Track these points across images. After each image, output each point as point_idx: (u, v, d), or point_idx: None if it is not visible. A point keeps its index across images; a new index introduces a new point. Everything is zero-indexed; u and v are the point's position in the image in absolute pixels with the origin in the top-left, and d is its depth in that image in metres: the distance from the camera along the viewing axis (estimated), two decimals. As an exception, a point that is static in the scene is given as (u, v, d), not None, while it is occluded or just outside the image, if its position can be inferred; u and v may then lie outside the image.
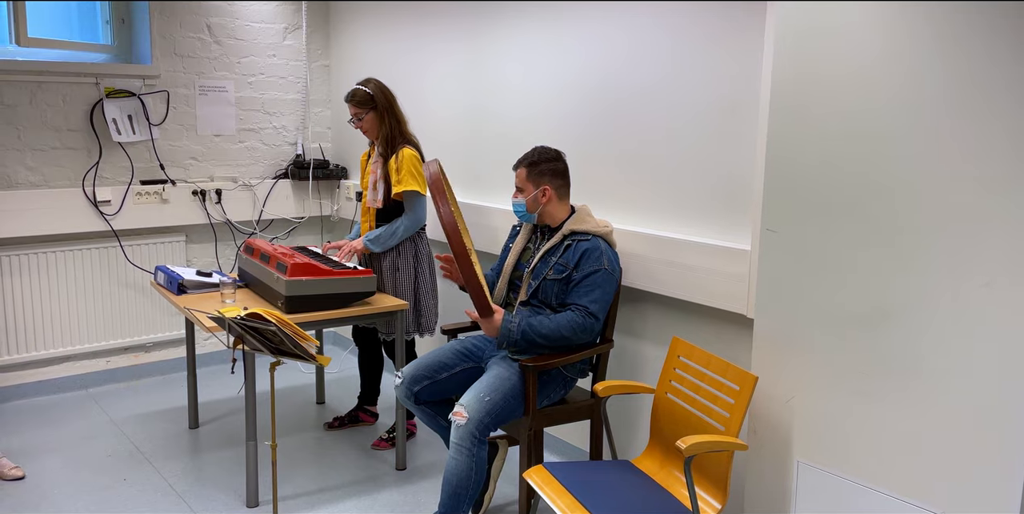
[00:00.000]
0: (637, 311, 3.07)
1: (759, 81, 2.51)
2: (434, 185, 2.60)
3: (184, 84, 4.36)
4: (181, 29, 4.30)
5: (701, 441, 2.14)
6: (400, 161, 3.33)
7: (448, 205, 2.58)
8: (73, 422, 3.83)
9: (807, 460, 2.22)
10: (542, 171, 2.81)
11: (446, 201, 2.58)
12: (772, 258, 2.25)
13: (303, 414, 3.99)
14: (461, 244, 2.56)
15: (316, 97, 4.84)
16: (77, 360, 4.23)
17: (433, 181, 2.61)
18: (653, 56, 2.88)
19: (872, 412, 2.06)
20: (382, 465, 3.43)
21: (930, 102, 1.88)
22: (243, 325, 2.49)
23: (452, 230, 2.54)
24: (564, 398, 2.89)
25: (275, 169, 4.73)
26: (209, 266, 4.53)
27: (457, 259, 2.56)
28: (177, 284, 3.33)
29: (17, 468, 3.25)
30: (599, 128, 3.12)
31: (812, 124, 2.11)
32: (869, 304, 2.04)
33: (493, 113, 3.64)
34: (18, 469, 3.25)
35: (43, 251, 4.02)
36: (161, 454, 3.50)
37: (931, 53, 1.86)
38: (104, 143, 4.14)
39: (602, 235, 2.80)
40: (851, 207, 2.05)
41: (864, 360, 2.07)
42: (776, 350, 2.27)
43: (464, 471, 2.62)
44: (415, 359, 3.01)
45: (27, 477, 3.25)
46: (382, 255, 3.43)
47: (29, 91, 3.93)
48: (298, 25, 4.68)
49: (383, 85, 3.42)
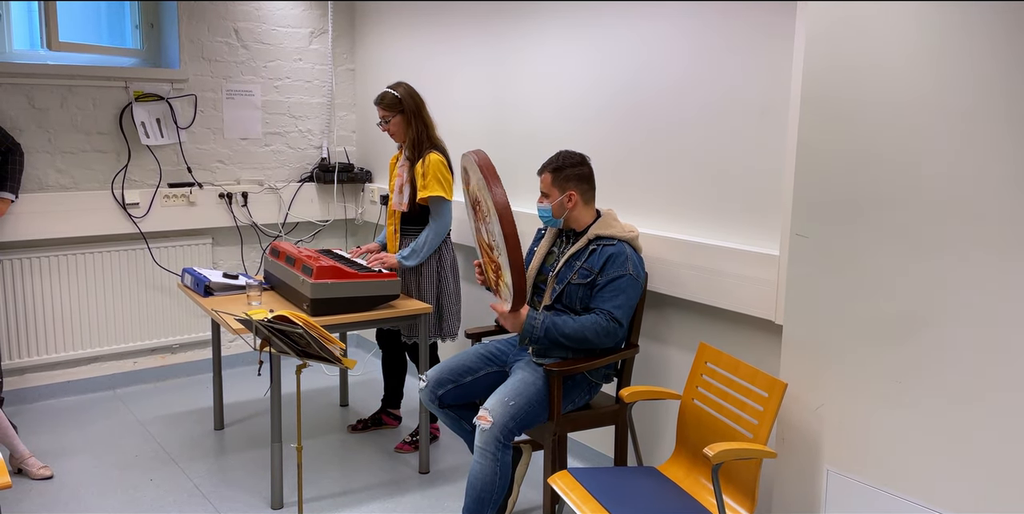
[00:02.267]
0: (663, 316, 3.05)
1: (789, 84, 2.48)
2: (486, 168, 2.58)
3: (212, 88, 4.39)
4: (209, 33, 4.34)
5: (730, 448, 2.12)
6: (427, 166, 3.34)
7: (501, 187, 2.55)
8: (100, 422, 3.87)
9: (836, 468, 2.19)
10: (567, 176, 2.80)
11: (499, 182, 2.56)
12: (802, 263, 2.23)
13: (327, 416, 4.00)
14: (512, 224, 2.52)
15: (341, 101, 4.86)
16: (104, 361, 4.27)
17: (484, 164, 2.59)
18: (680, 59, 2.86)
19: (903, 420, 2.03)
20: (405, 468, 3.43)
21: (966, 105, 1.85)
22: (270, 328, 2.50)
23: (505, 212, 2.51)
24: (589, 403, 2.88)
25: (300, 172, 4.75)
26: (235, 268, 4.56)
27: (507, 240, 2.52)
28: (204, 286, 3.35)
29: (45, 468, 3.28)
30: (625, 131, 3.10)
31: (843, 128, 2.08)
32: (901, 310, 2.01)
33: (519, 116, 3.64)
34: (46, 468, 3.28)
35: (72, 253, 4.07)
36: (187, 455, 3.52)
37: (966, 54, 1.84)
38: (133, 146, 4.18)
39: (627, 240, 2.79)
40: (882, 212, 2.02)
41: (895, 367, 2.04)
42: (805, 357, 2.25)
43: (488, 475, 2.61)
44: (439, 363, 3.01)
45: (55, 477, 3.28)
46: (407, 259, 3.44)
47: (60, 95, 3.98)
48: (324, 29, 4.71)
49: (412, 89, 3.43)
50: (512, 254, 2.53)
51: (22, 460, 3.26)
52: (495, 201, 2.52)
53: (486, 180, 2.55)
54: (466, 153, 2.71)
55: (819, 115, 2.14)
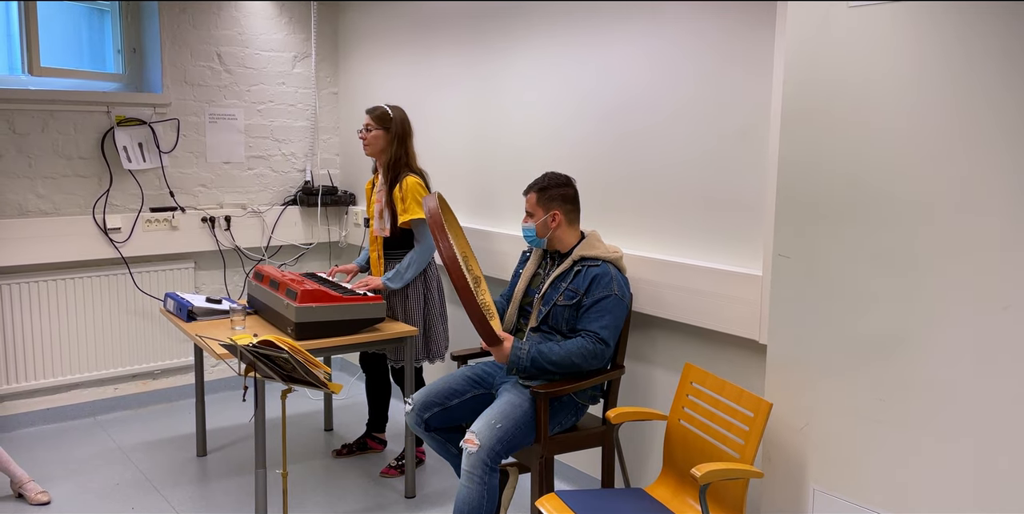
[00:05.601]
0: (648, 337, 3.06)
1: (769, 106, 2.52)
2: (433, 221, 2.63)
3: (194, 112, 4.39)
4: (192, 58, 4.35)
5: (716, 469, 2.12)
6: (404, 190, 3.35)
7: (448, 240, 2.60)
8: (81, 450, 3.82)
9: (822, 487, 2.20)
10: (552, 196, 2.82)
11: (446, 237, 2.60)
12: (784, 284, 2.25)
13: (311, 441, 3.97)
14: (462, 277, 2.58)
15: (325, 124, 4.87)
16: (85, 387, 4.22)
17: (432, 217, 2.64)
18: (661, 82, 2.90)
19: (889, 439, 2.04)
20: (391, 493, 3.40)
21: (946, 125, 1.88)
22: (255, 352, 2.49)
23: (453, 265, 2.57)
24: (575, 425, 2.87)
25: (284, 196, 4.75)
26: (218, 292, 4.53)
27: (458, 292, 2.57)
28: (187, 311, 3.33)
29: (44, 493, 3.26)
30: (608, 154, 3.13)
31: (824, 148, 2.11)
32: (885, 329, 2.03)
33: (502, 139, 3.66)
34: (44, 494, 3.26)
35: (52, 278, 4.03)
36: (169, 482, 3.48)
37: (947, 70, 1.87)
38: (115, 171, 4.17)
39: (612, 261, 2.80)
40: (864, 232, 2.05)
41: (880, 386, 2.05)
42: (790, 376, 2.26)
43: (476, 499, 2.60)
44: (425, 386, 3.00)
45: (35, 506, 3.23)
46: (391, 281, 3.44)
47: (41, 120, 3.97)
48: (307, 53, 4.73)
49: (407, 117, 3.46)
50: (467, 304, 2.59)
51: (20, 485, 3.25)
52: (441, 255, 2.59)
53: (433, 235, 2.63)
54: (426, 196, 2.78)
55: (800, 135, 2.17)
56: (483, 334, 2.66)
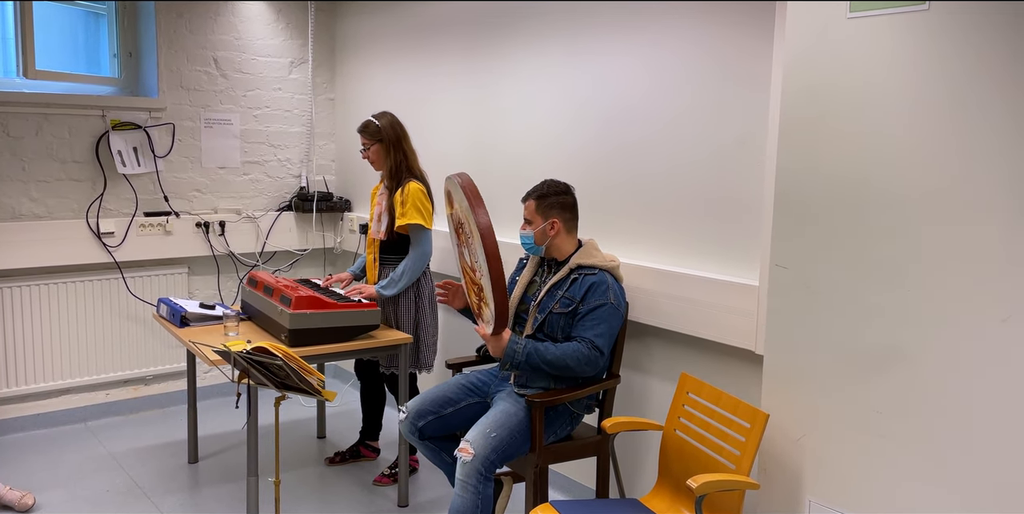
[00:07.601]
0: (644, 346, 3.05)
1: (767, 115, 2.52)
2: (470, 190, 2.59)
3: (190, 117, 4.38)
4: (188, 63, 4.34)
5: (713, 480, 2.11)
6: (406, 195, 3.34)
7: (484, 207, 2.56)
8: (71, 456, 3.78)
9: (818, 499, 2.19)
10: (551, 204, 2.81)
11: (482, 204, 2.56)
12: (782, 294, 2.24)
13: (303, 449, 3.94)
14: (495, 245, 2.52)
15: (321, 130, 4.86)
16: (76, 393, 4.19)
17: (467, 186, 2.60)
18: (659, 90, 2.89)
19: (885, 451, 2.03)
20: (384, 501, 3.38)
21: (944, 135, 1.88)
22: (249, 359, 2.47)
23: (487, 232, 2.52)
24: (571, 434, 2.86)
25: (279, 201, 4.73)
26: (211, 298, 4.51)
27: (489, 261, 2.52)
28: (180, 316, 3.30)
29: (28, 495, 3.23)
30: (606, 161, 3.13)
31: (822, 158, 2.11)
32: (882, 340, 2.02)
33: (500, 146, 3.66)
34: (28, 496, 3.23)
35: (44, 282, 4.01)
36: (160, 489, 3.45)
37: (945, 78, 1.87)
38: (109, 175, 4.15)
39: (609, 269, 2.79)
40: (862, 242, 2.04)
41: (877, 398, 2.04)
42: (787, 387, 2.25)
43: (469, 509, 2.58)
44: (419, 393, 2.98)
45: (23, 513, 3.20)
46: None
47: (36, 123, 3.95)
48: (304, 59, 4.72)
49: (395, 120, 3.45)
50: (495, 275, 2.53)
51: (1, 496, 3.20)
52: (478, 223, 2.53)
53: (469, 202, 2.56)
54: (450, 176, 2.71)
55: (798, 144, 2.16)
56: (499, 312, 2.61)
